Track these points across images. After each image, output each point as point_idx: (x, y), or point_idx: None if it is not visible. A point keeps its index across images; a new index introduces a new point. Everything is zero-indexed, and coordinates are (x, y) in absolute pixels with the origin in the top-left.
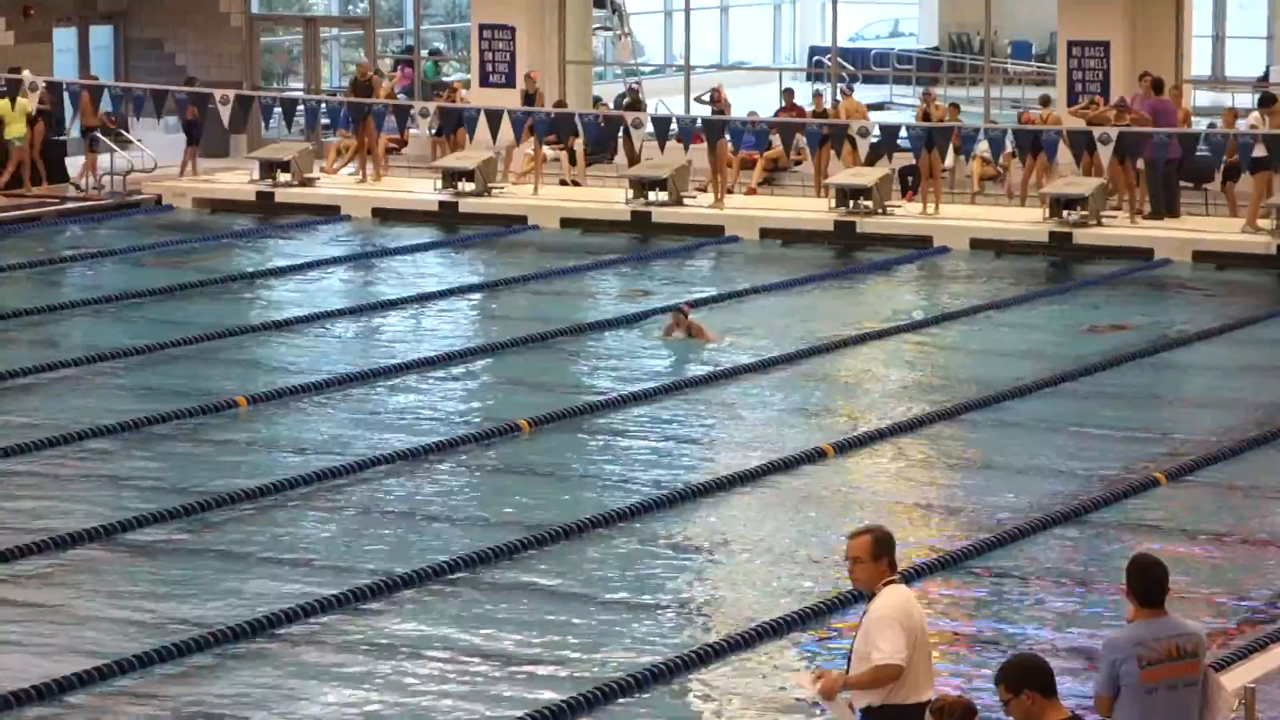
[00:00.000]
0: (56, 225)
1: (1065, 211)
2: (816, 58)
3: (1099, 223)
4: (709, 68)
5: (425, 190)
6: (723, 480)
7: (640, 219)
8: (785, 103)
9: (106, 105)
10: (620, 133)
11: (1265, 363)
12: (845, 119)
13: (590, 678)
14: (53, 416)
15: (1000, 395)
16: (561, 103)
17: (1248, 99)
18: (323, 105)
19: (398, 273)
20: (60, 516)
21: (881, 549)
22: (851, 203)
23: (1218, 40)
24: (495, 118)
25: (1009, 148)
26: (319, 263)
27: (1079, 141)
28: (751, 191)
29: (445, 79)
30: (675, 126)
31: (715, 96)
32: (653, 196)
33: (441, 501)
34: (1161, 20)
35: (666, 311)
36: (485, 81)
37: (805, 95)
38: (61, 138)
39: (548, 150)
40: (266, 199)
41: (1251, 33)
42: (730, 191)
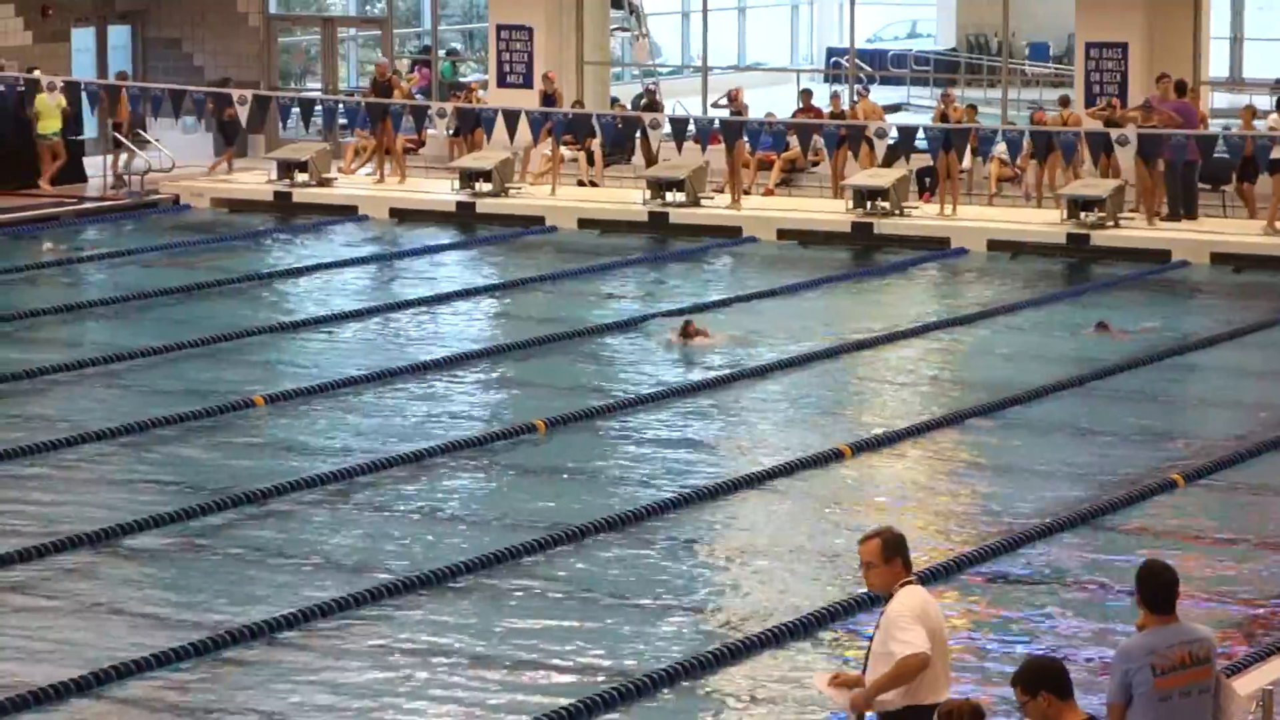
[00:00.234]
0: (75, 225)
1: (1083, 213)
2: (834, 59)
3: (1116, 224)
4: (726, 69)
5: (443, 191)
6: (740, 481)
7: (658, 220)
8: (803, 104)
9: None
10: (638, 133)
11: None
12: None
13: (607, 679)
14: (68, 416)
15: (1017, 397)
16: (579, 103)
17: (1266, 100)
18: (340, 105)
19: (415, 273)
20: (75, 517)
21: (892, 550)
22: (869, 204)
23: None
24: (513, 118)
25: (1026, 149)
26: (336, 263)
27: (1097, 143)
28: (769, 192)
29: (462, 79)
30: (693, 127)
31: (733, 96)
32: (670, 197)
33: (457, 502)
34: (1180, 22)
35: (678, 315)
36: (503, 82)
37: (823, 96)
38: (79, 137)
39: (565, 151)
40: (284, 199)
41: (1270, 34)
42: (747, 192)
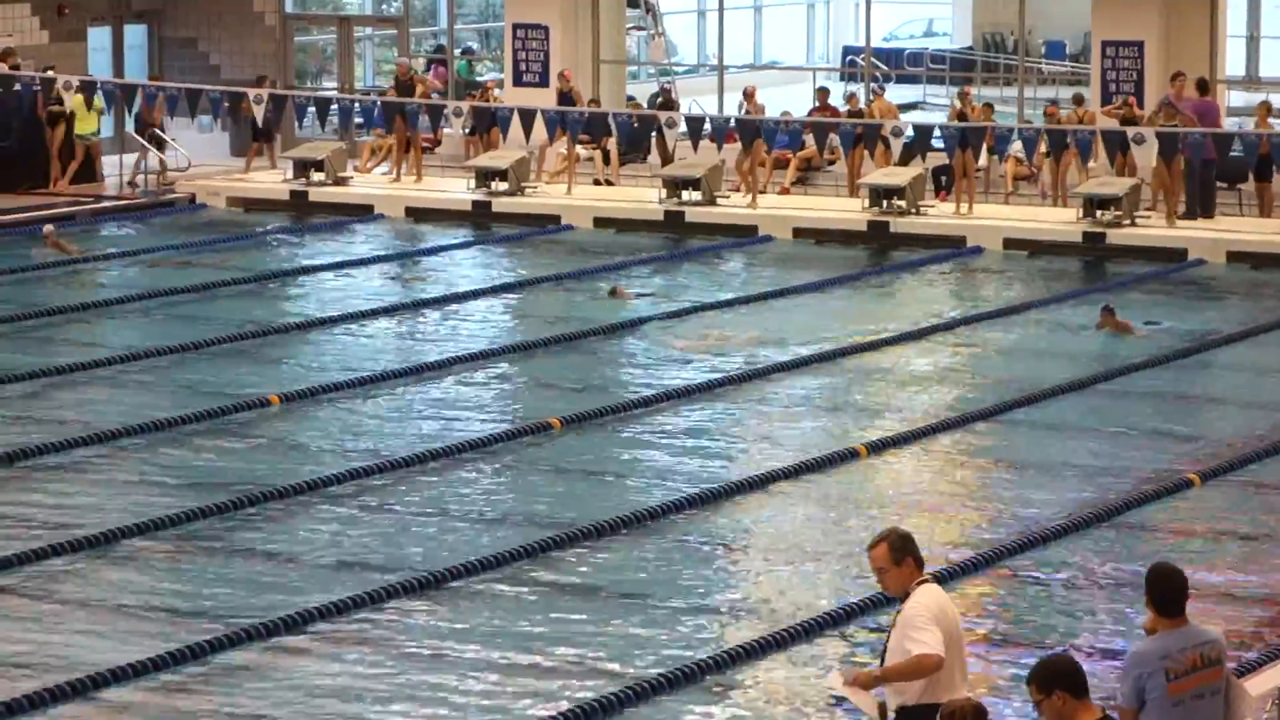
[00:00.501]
0: (92, 224)
1: (1099, 211)
2: (850, 57)
3: (1133, 223)
4: (742, 67)
5: (459, 190)
6: (756, 479)
7: (674, 219)
8: (819, 102)
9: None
10: (653, 132)
11: None
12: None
13: (623, 676)
14: (85, 414)
15: (1033, 395)
16: (595, 102)
17: None
18: (356, 104)
19: (431, 272)
20: (92, 514)
21: (900, 552)
22: (885, 203)
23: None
24: (529, 117)
25: (1043, 148)
26: (352, 262)
27: (1113, 142)
28: (785, 191)
29: (479, 78)
30: (709, 126)
31: (748, 94)
32: (686, 196)
33: (473, 500)
34: (1196, 20)
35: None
36: (519, 81)
37: (839, 95)
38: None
39: (581, 150)
40: (300, 198)
41: None
42: (763, 191)
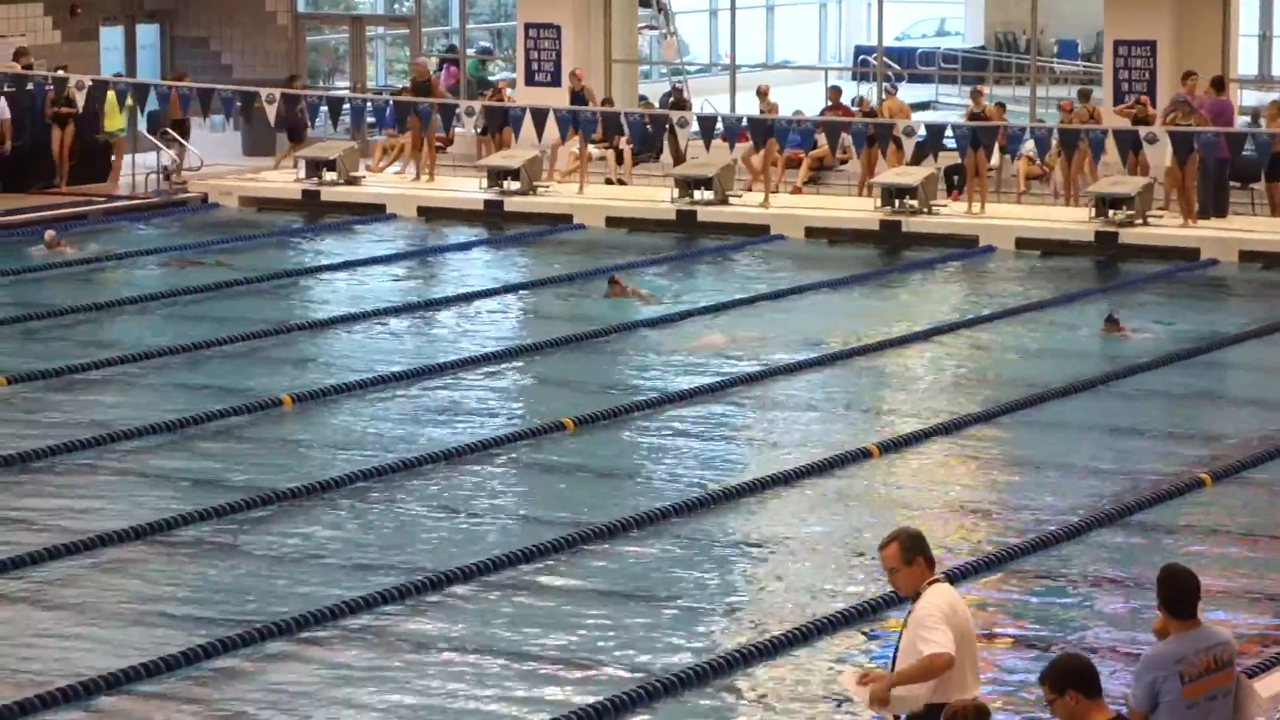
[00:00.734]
0: (103, 223)
1: (1111, 211)
2: (862, 57)
3: (1145, 222)
4: (754, 67)
5: (471, 189)
6: (768, 479)
7: (686, 218)
8: (831, 101)
9: (153, 104)
10: (666, 132)
11: None
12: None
13: (634, 677)
14: (95, 415)
15: (1045, 395)
16: (608, 101)
17: None
18: (368, 104)
19: (443, 271)
20: (101, 515)
21: (911, 552)
22: (897, 202)
23: (1264, 39)
24: (541, 116)
25: (1055, 147)
26: (364, 261)
27: (1125, 141)
28: (797, 191)
29: (490, 78)
30: (720, 126)
31: (762, 92)
32: (698, 195)
33: (485, 500)
34: (1208, 19)
35: (703, 314)
36: (531, 80)
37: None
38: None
39: (593, 149)
40: (312, 198)
41: None
42: (776, 191)
